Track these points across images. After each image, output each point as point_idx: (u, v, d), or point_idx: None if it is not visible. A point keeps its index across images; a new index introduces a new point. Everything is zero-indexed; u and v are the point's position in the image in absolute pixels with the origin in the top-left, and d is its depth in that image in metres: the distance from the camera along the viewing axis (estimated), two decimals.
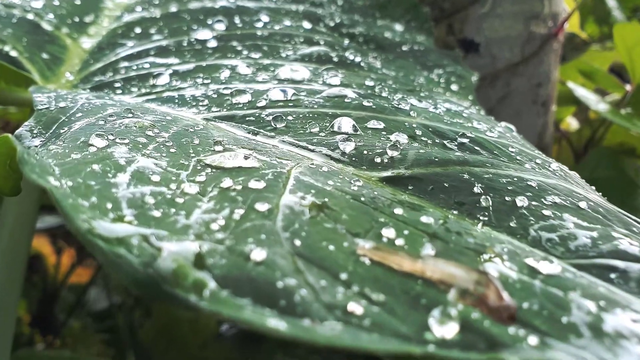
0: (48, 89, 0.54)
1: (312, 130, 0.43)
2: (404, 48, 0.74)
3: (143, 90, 0.55)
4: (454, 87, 0.68)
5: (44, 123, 0.43)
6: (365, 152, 0.39)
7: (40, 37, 0.66)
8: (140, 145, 0.36)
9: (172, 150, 0.36)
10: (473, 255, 0.28)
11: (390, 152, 0.39)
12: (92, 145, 0.35)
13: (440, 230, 0.30)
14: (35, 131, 0.42)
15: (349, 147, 0.39)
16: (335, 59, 0.63)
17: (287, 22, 0.70)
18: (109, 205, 0.28)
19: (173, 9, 0.71)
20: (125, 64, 0.62)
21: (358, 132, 0.43)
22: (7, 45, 0.62)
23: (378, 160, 0.38)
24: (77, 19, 0.70)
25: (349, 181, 0.35)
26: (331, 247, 0.27)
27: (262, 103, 0.48)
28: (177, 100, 0.52)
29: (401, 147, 0.39)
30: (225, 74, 0.57)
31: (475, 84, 0.72)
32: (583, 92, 0.92)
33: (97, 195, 0.28)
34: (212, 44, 0.63)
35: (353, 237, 0.28)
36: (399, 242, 0.28)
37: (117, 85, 0.58)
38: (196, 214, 0.29)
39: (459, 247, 0.29)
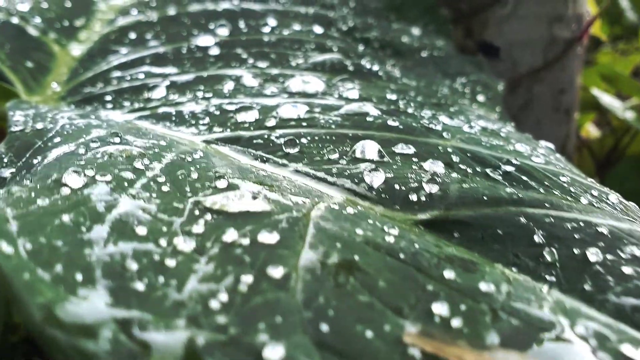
0: (28, 104, 0.47)
1: (330, 156, 0.36)
2: (423, 54, 0.67)
3: (136, 105, 0.48)
4: (480, 97, 0.61)
5: (16, 149, 0.36)
6: (397, 186, 0.32)
7: (26, 44, 0.59)
8: (126, 183, 0.29)
9: (164, 188, 0.29)
10: (550, 339, 0.21)
11: (427, 187, 0.32)
12: (65, 185, 0.28)
13: (505, 302, 0.23)
14: (5, 160, 0.35)
15: (377, 179, 0.32)
16: (351, 68, 0.56)
17: (297, 27, 0.63)
18: (79, 277, 0.21)
19: (171, 11, 0.64)
20: (118, 73, 0.55)
21: (385, 159, 0.36)
22: None
23: (414, 197, 0.31)
24: (66, 23, 0.63)
25: (382, 228, 0.28)
26: (369, 334, 0.20)
27: (272, 122, 0.41)
28: (174, 118, 0.45)
29: (440, 181, 0.32)
30: (229, 86, 0.50)
31: (502, 93, 0.65)
32: (609, 100, 0.85)
33: (63, 261, 0.22)
34: (214, 51, 0.56)
35: (396, 317, 0.21)
36: (456, 323, 0.21)
37: (108, 98, 0.51)
38: (191, 283, 0.22)
39: (530, 328, 0.22)
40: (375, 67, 0.57)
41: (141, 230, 0.25)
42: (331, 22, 0.67)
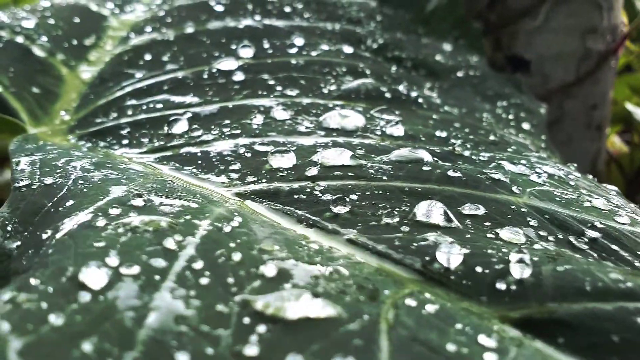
0: (33, 141, 0.41)
1: (388, 220, 0.30)
2: (459, 74, 0.61)
3: (156, 143, 0.42)
4: (525, 125, 0.55)
5: (22, 213, 0.30)
6: (478, 268, 0.26)
7: (31, 66, 0.53)
8: (157, 276, 0.23)
9: (203, 280, 0.23)
10: None
11: (516, 271, 0.26)
12: (83, 286, 0.22)
13: None
14: (9, 227, 0.29)
15: (454, 259, 0.26)
16: (388, 95, 0.50)
17: (325, 46, 0.57)
18: None
19: (189, 29, 0.58)
20: (133, 101, 0.49)
21: (453, 224, 0.30)
22: None
23: (501, 285, 0.25)
24: (75, 42, 0.57)
25: (475, 337, 0.22)
26: None
27: (313, 170, 0.35)
28: (200, 161, 0.39)
29: (527, 260, 0.26)
30: (257, 119, 0.44)
31: (544, 117, 0.60)
32: None
33: None
34: (239, 76, 0.50)
35: None
36: None
37: (124, 132, 0.45)
38: None
39: None
40: (414, 93, 0.51)
41: (182, 358, 0.19)
42: (360, 40, 0.61)
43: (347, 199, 0.32)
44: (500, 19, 0.81)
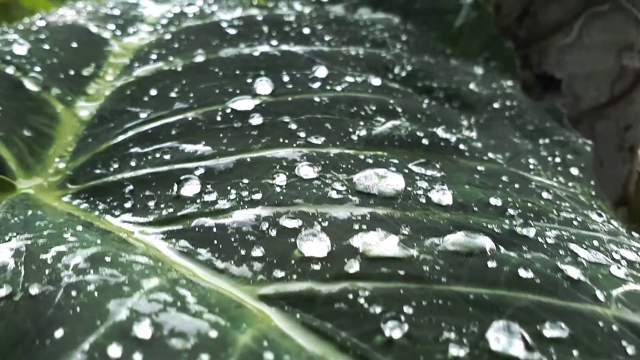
0: (21, 210, 0.35)
1: (455, 351, 0.24)
2: (495, 105, 0.54)
3: (163, 211, 0.35)
4: (573, 170, 0.48)
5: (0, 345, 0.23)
6: None
7: (23, 103, 0.46)
8: None
9: None
10: None
11: None
12: None
13: None
14: None
15: None
16: (425, 141, 0.43)
17: (350, 78, 0.50)
18: None
19: (199, 58, 0.50)
20: (137, 149, 0.42)
21: (535, 356, 0.24)
22: None
23: None
24: (72, 72, 0.50)
25: None
26: None
27: (353, 266, 0.29)
28: (215, 240, 0.32)
29: None
30: (280, 179, 0.37)
31: (591, 156, 0.53)
32: None
33: None
34: (256, 119, 0.43)
35: None
36: None
37: (126, 191, 0.38)
38: None
39: None
40: (452, 137, 0.44)
41: None
42: (387, 67, 0.53)
43: (402, 315, 0.25)
44: (530, 34, 0.74)
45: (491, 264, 0.29)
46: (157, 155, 0.41)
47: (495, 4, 0.76)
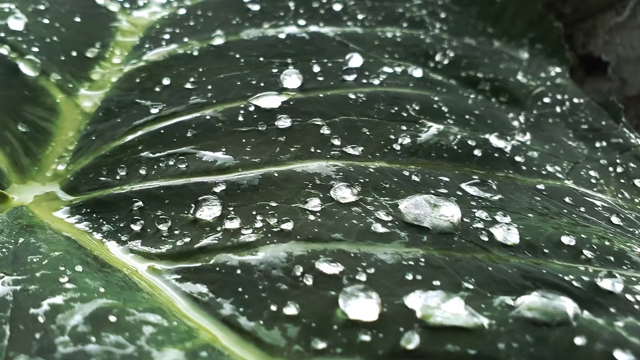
0: (9, 233, 0.28)
1: None
2: (546, 100, 0.47)
3: (178, 243, 0.29)
4: (638, 181, 0.41)
5: None
6: None
7: (18, 92, 0.39)
8: None
9: None
10: None
11: None
12: None
13: None
14: None
15: None
16: (477, 152, 0.36)
17: (388, 68, 0.43)
18: None
19: (218, 40, 0.43)
20: (147, 153, 0.35)
21: None
22: None
23: None
24: (74, 53, 0.43)
25: None
26: None
27: (412, 340, 0.23)
28: (240, 288, 0.26)
29: None
30: (313, 203, 0.31)
31: None
32: None
33: None
34: (283, 122, 0.36)
35: None
36: None
37: (134, 208, 0.32)
38: None
39: None
40: (507, 147, 0.38)
41: None
42: (427, 53, 0.46)
43: None
44: (576, 12, 0.66)
45: (579, 340, 0.23)
46: (171, 162, 0.34)
47: None
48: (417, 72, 0.43)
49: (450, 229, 0.29)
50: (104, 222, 0.31)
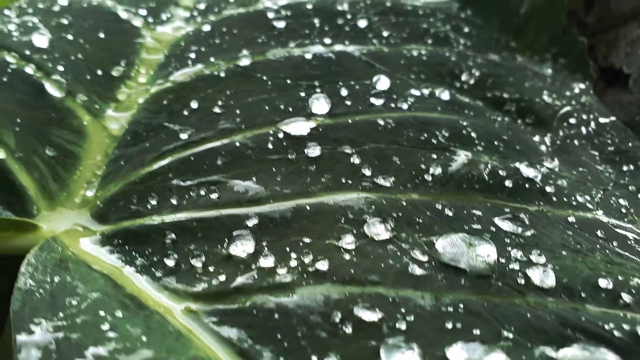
0: (44, 272, 0.28)
1: None
2: (572, 120, 0.46)
3: (214, 283, 0.29)
4: None
5: None
6: None
7: (44, 114, 0.39)
8: None
9: None
10: None
11: None
12: None
13: None
14: None
15: None
16: (508, 183, 0.36)
17: (415, 90, 0.42)
18: None
19: (244, 60, 0.43)
20: (178, 181, 0.35)
21: None
22: None
23: None
24: (99, 72, 0.42)
25: None
26: None
27: None
28: (279, 334, 0.26)
29: None
30: (347, 240, 0.30)
31: None
32: None
33: None
34: (313, 150, 0.36)
35: None
36: None
37: (167, 241, 0.31)
38: None
39: None
40: (537, 176, 0.37)
41: None
42: (453, 72, 0.46)
43: None
44: (599, 22, 0.65)
45: None
46: (202, 192, 0.34)
47: None
48: (445, 95, 0.42)
49: (487, 271, 0.29)
50: (137, 255, 0.31)
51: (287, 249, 0.30)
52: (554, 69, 0.53)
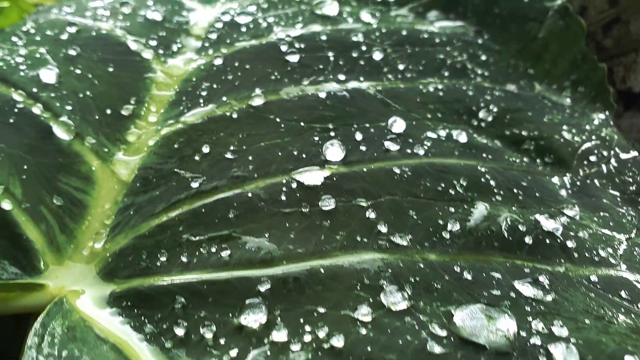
0: (51, 330, 0.27)
1: None
2: (592, 158, 0.45)
3: (225, 358, 0.27)
4: None
5: None
6: None
7: (52, 159, 0.37)
8: None
9: None
10: None
11: None
12: None
13: None
14: None
15: None
16: (528, 240, 0.34)
17: (432, 133, 0.40)
18: None
19: (257, 100, 0.41)
20: (188, 235, 0.34)
21: None
22: None
23: None
24: (108, 111, 0.41)
25: None
26: None
27: None
28: None
29: None
30: (363, 311, 0.29)
31: None
32: None
33: None
34: (327, 203, 0.34)
35: None
36: None
37: (178, 307, 0.30)
38: None
39: None
40: (558, 229, 0.36)
41: None
42: (470, 110, 0.44)
43: None
44: (618, 45, 0.63)
45: None
46: (213, 249, 0.32)
47: (580, 7, 0.64)
48: (462, 137, 0.41)
49: (507, 347, 0.28)
50: (146, 321, 0.30)
51: (301, 321, 0.29)
52: (573, 98, 0.51)
